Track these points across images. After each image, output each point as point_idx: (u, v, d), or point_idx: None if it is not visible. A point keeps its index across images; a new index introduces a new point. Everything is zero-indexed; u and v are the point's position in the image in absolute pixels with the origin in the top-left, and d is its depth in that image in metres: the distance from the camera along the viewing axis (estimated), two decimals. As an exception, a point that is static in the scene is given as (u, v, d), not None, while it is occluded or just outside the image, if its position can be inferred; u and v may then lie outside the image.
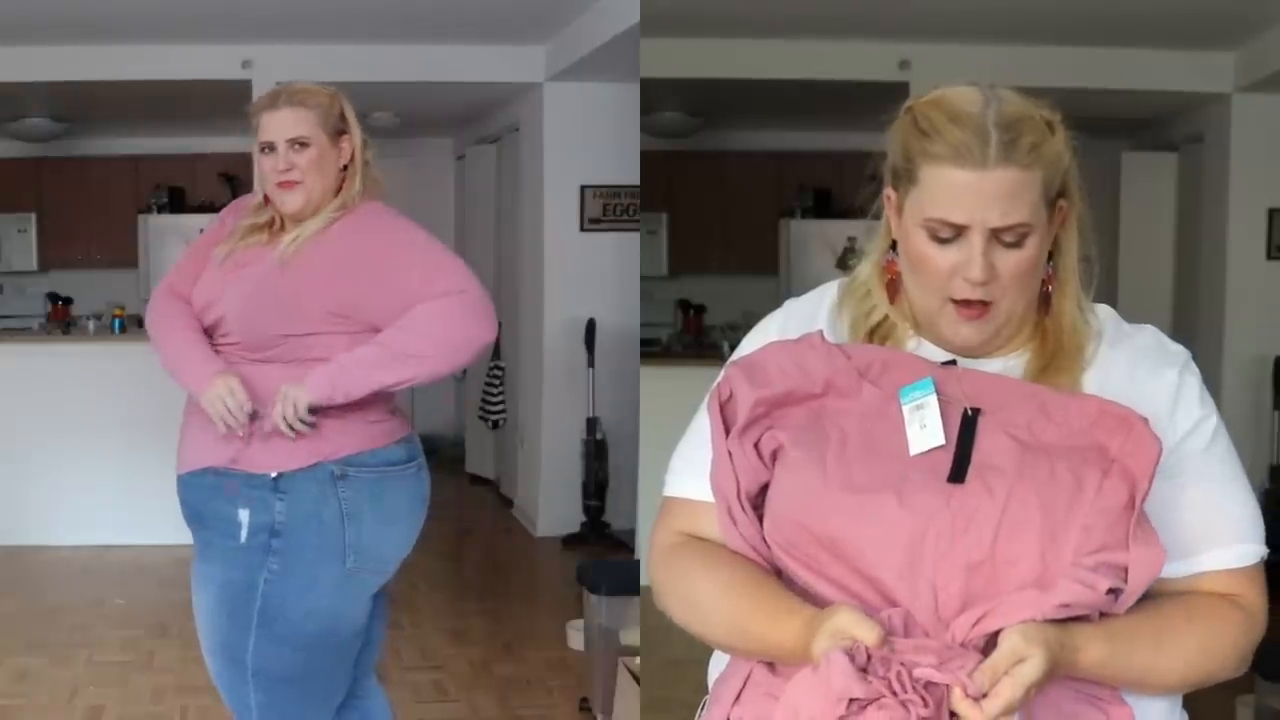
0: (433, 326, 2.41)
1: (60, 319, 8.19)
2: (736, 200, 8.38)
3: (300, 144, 2.48)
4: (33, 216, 8.78)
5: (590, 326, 6.76)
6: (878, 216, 1.51)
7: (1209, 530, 1.41)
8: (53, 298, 8.44)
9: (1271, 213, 6.48)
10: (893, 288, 1.51)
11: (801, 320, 1.55)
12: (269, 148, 2.49)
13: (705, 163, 8.30)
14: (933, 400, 1.38)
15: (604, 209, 6.90)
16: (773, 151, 8.48)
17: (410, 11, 5.88)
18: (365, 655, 2.71)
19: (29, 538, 6.48)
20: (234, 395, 2.38)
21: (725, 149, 8.43)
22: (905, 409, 1.39)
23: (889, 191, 1.47)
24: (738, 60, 6.31)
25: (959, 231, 1.38)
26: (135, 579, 5.97)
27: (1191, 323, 6.91)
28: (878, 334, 1.51)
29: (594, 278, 6.84)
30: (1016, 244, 1.39)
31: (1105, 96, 6.42)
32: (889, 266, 1.51)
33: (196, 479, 2.48)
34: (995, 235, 1.38)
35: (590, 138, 6.73)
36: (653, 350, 7.29)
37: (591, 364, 6.78)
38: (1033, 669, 1.25)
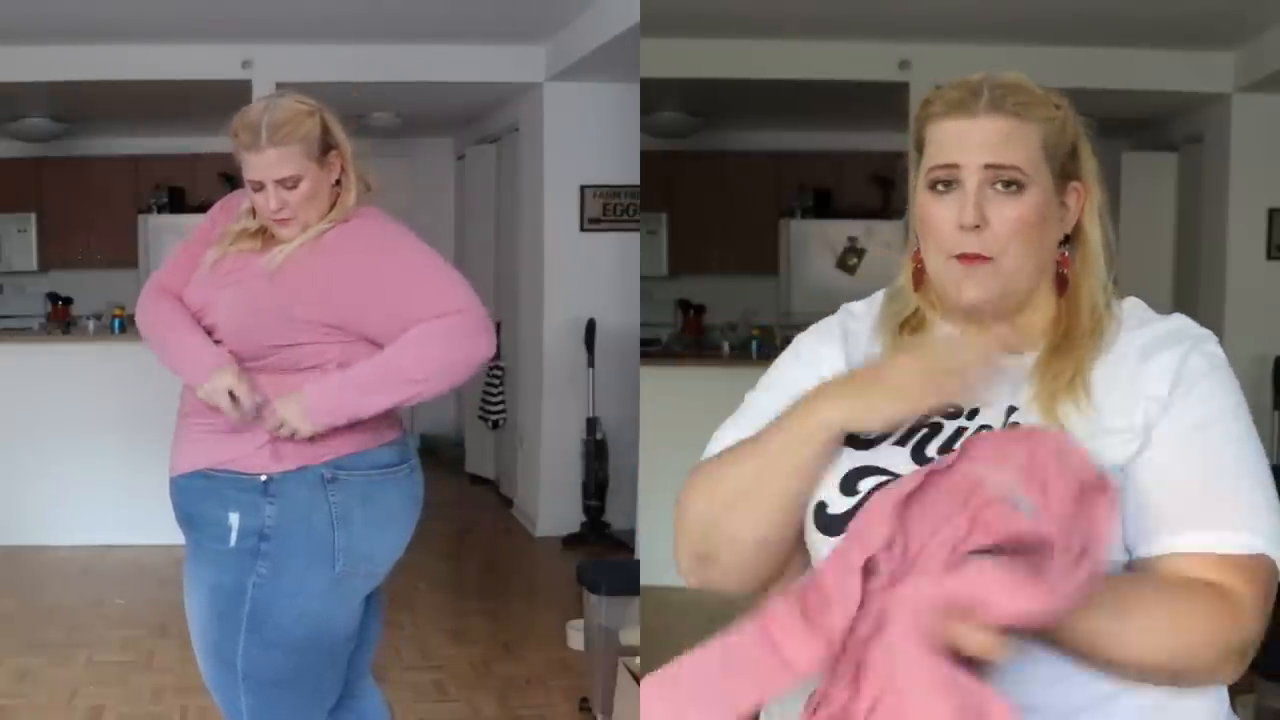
0: (433, 349, 2.40)
1: (60, 319, 8.19)
2: (736, 200, 8.38)
3: (290, 184, 2.40)
4: (33, 216, 8.78)
5: (590, 326, 6.76)
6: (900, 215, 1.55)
7: (1189, 510, 1.34)
8: (53, 298, 8.44)
9: (1271, 213, 6.48)
10: (920, 277, 1.53)
11: (857, 324, 1.59)
12: (258, 186, 2.42)
13: (705, 163, 8.30)
14: None
15: (604, 209, 6.90)
16: (773, 151, 8.48)
17: (410, 11, 5.89)
18: (361, 656, 2.70)
19: (29, 538, 6.48)
20: (238, 386, 2.37)
21: (725, 149, 8.43)
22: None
23: (913, 179, 1.50)
24: (738, 60, 6.31)
25: (955, 177, 1.43)
26: (135, 579, 5.97)
27: (1191, 323, 6.91)
28: (908, 326, 1.54)
29: (594, 278, 6.84)
30: (1012, 192, 1.42)
31: (1105, 96, 6.40)
32: (915, 256, 1.53)
33: (187, 481, 2.47)
34: (990, 182, 1.42)
35: (590, 138, 6.73)
36: (653, 350, 7.29)
37: (591, 364, 6.78)
38: None
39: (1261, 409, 6.36)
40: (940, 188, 1.44)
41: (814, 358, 1.58)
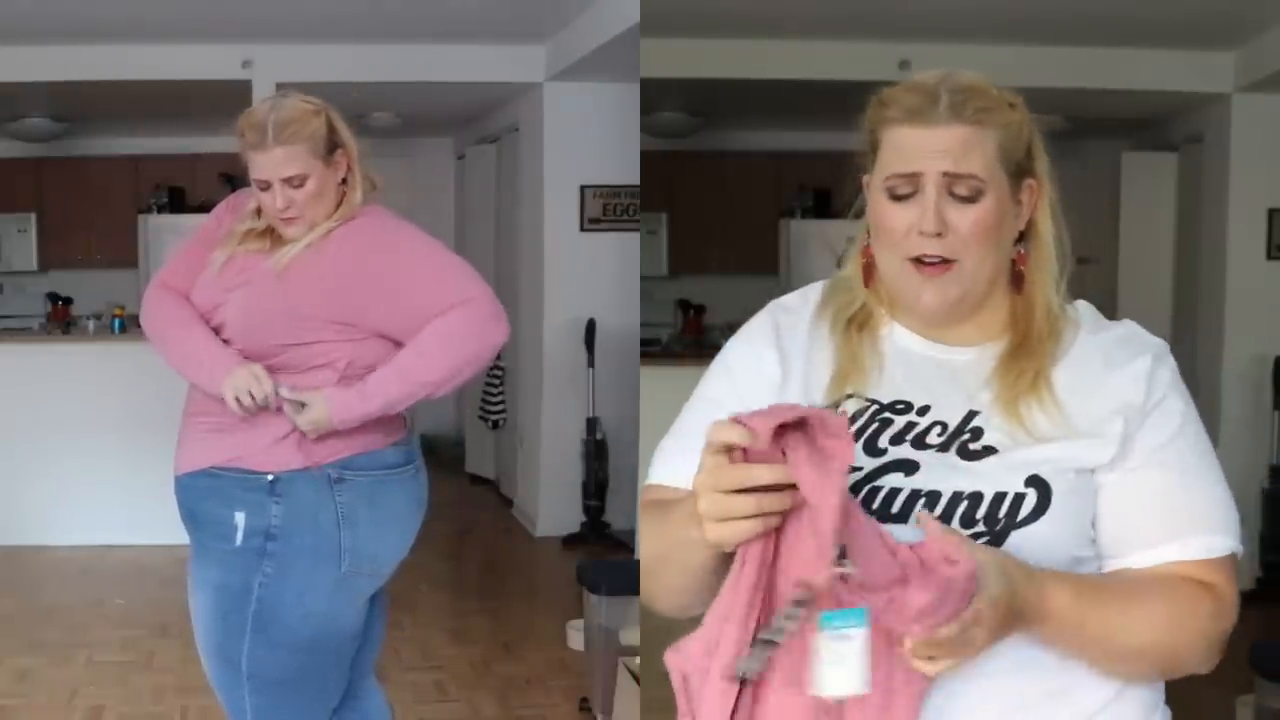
0: (449, 345, 2.42)
1: (60, 319, 8.19)
2: (736, 200, 8.37)
3: (296, 183, 2.41)
4: (33, 216, 8.78)
5: (590, 326, 6.76)
6: (860, 215, 1.53)
7: (1174, 521, 1.40)
8: (53, 298, 8.44)
9: (1271, 213, 6.47)
10: (870, 272, 1.53)
11: (791, 317, 1.58)
12: (264, 185, 2.43)
13: (705, 163, 8.30)
14: (864, 636, 1.22)
15: (604, 209, 6.90)
16: (773, 151, 8.48)
17: (410, 11, 5.89)
18: (364, 656, 2.70)
19: (29, 538, 6.48)
20: (260, 383, 2.37)
21: (725, 149, 8.42)
22: (822, 638, 1.22)
23: (865, 176, 1.50)
24: (738, 60, 6.31)
25: (915, 186, 1.42)
26: (135, 579, 5.97)
27: (1191, 323, 6.90)
28: (855, 321, 1.53)
29: (594, 278, 6.84)
30: (971, 199, 1.41)
31: (1105, 96, 6.41)
32: (864, 251, 1.53)
33: (192, 480, 2.48)
34: (948, 188, 1.41)
35: (590, 138, 6.73)
36: (653, 350, 7.29)
37: (591, 364, 6.78)
38: (994, 585, 1.24)
39: (1261, 409, 6.36)
40: (899, 195, 1.44)
41: (753, 364, 1.56)
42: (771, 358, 1.54)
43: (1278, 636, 5.57)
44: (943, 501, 1.37)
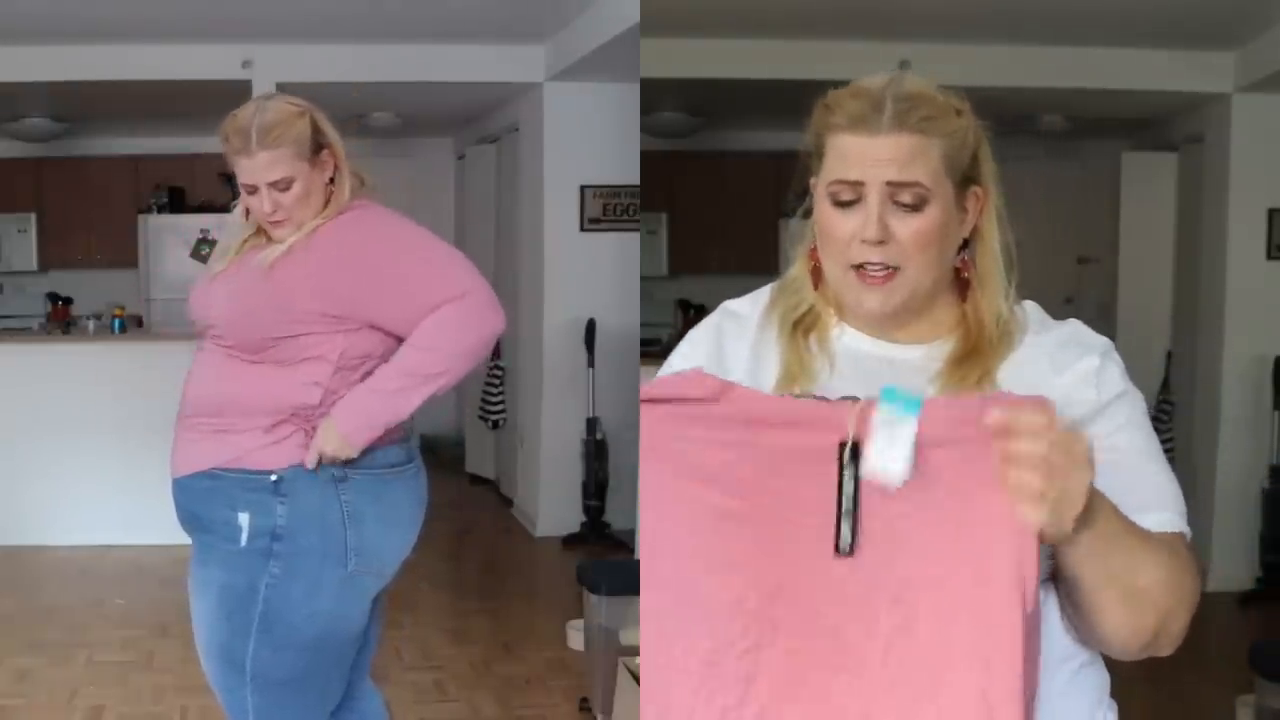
0: (449, 338, 2.43)
1: (60, 319, 8.20)
2: (736, 200, 8.37)
3: (282, 186, 2.43)
4: (33, 216, 8.79)
5: (590, 326, 6.76)
6: (808, 215, 1.53)
7: (1130, 499, 1.37)
8: (53, 298, 8.45)
9: (1271, 213, 6.47)
10: (818, 274, 1.54)
11: (737, 324, 1.59)
12: (251, 189, 2.45)
13: (705, 163, 8.30)
14: (913, 426, 1.22)
15: (604, 209, 6.91)
16: (773, 151, 8.44)
17: (410, 11, 5.89)
18: (362, 657, 2.71)
19: (28, 538, 6.48)
20: None
21: (725, 149, 8.42)
22: (878, 413, 1.24)
23: (812, 179, 1.51)
24: (738, 60, 6.31)
25: (858, 194, 1.42)
26: (135, 579, 5.97)
27: (1191, 323, 6.90)
28: (803, 324, 1.54)
29: (594, 278, 6.84)
30: (915, 207, 1.41)
31: (1105, 96, 6.40)
32: (812, 254, 1.54)
33: (191, 482, 2.47)
34: (892, 196, 1.41)
35: (590, 138, 6.74)
36: (653, 350, 7.28)
37: (591, 364, 6.78)
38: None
39: (1261, 409, 6.36)
40: (842, 201, 1.44)
41: None
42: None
43: (1278, 636, 5.57)
44: None
